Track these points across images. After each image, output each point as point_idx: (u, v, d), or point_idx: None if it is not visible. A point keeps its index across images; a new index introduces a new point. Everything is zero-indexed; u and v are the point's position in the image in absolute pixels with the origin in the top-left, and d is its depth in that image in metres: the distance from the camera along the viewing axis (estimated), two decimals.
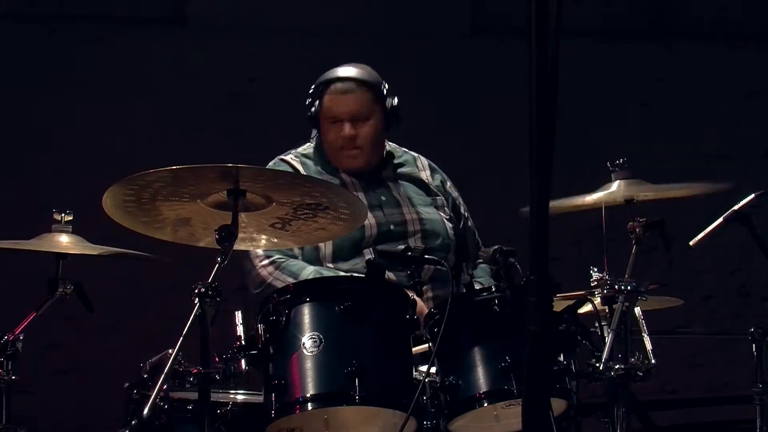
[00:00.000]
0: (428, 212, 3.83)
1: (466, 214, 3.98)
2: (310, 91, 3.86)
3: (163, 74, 6.00)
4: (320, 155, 3.87)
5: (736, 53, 6.56)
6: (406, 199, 3.83)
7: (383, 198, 3.80)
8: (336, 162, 3.83)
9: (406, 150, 4.01)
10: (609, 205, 3.58)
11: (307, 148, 3.92)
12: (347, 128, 3.77)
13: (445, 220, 3.84)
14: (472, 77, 6.18)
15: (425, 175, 3.97)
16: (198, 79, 6.03)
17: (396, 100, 3.86)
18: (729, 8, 6.55)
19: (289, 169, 3.79)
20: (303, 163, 3.85)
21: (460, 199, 4.00)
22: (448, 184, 4.00)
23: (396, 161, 3.94)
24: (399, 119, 3.88)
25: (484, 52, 6.23)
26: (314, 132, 3.92)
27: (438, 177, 3.99)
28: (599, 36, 6.41)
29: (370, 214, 3.71)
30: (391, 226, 3.73)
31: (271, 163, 3.86)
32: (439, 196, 3.92)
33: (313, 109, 3.83)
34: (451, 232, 3.83)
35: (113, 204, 2.95)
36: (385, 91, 3.84)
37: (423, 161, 4.01)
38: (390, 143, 3.97)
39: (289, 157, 3.87)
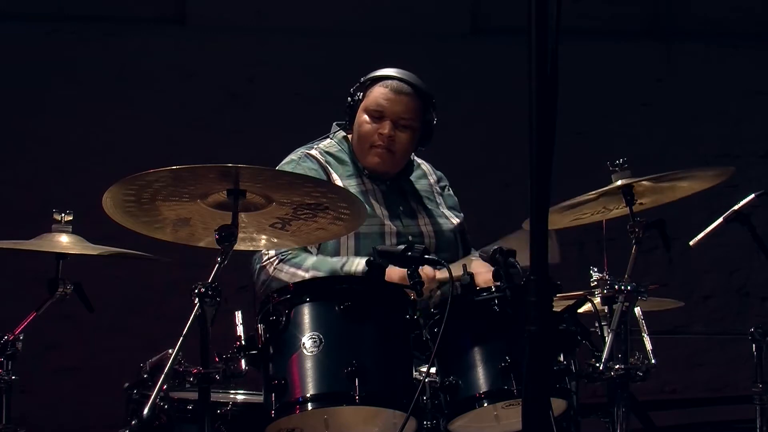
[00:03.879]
0: (441, 223, 3.83)
1: (462, 215, 4.00)
2: (360, 81, 3.79)
3: (163, 74, 6.01)
4: (347, 155, 3.83)
5: (736, 53, 6.57)
6: (422, 211, 3.83)
7: (401, 208, 3.79)
8: (361, 156, 3.78)
9: (420, 161, 3.99)
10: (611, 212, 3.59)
11: (330, 145, 3.86)
12: (388, 127, 3.72)
13: (456, 229, 3.86)
14: (472, 77, 6.19)
15: (432, 180, 3.97)
16: (198, 79, 6.04)
17: (436, 118, 3.82)
18: (729, 8, 6.55)
19: (315, 166, 3.75)
20: (328, 162, 3.80)
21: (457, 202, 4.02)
22: (448, 188, 4.01)
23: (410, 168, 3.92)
24: (431, 138, 3.84)
25: (484, 52, 6.24)
26: (336, 128, 3.89)
27: (442, 182, 4.00)
28: (599, 36, 6.42)
29: (390, 222, 3.71)
30: (410, 237, 3.71)
31: (294, 157, 3.80)
32: (445, 201, 3.93)
33: (355, 98, 3.77)
34: (459, 241, 3.86)
35: (113, 204, 2.95)
36: (432, 105, 3.80)
37: (427, 166, 4.01)
38: None
39: (315, 152, 3.81)
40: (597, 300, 3.25)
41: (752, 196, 3.81)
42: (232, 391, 3.12)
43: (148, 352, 3.03)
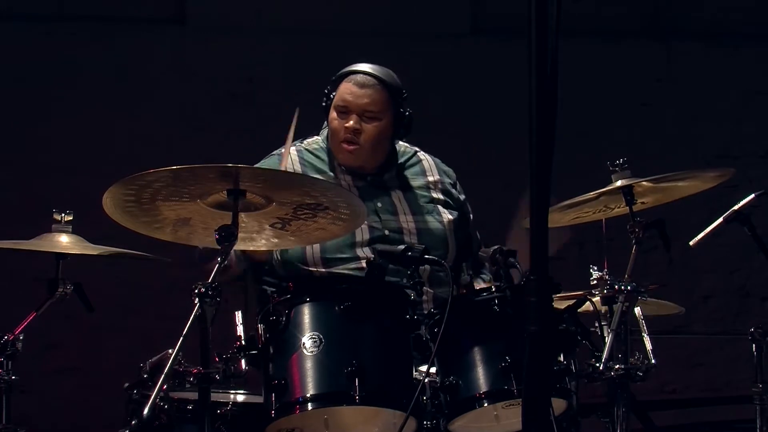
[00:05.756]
0: (428, 220, 3.77)
1: (471, 215, 3.96)
2: (332, 79, 3.81)
3: (163, 74, 6.01)
4: (326, 152, 3.84)
5: (736, 53, 6.57)
6: (405, 207, 3.78)
7: (380, 204, 3.75)
8: (335, 152, 3.78)
9: (417, 149, 3.96)
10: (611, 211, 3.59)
11: (315, 141, 3.87)
12: (352, 121, 3.72)
13: (447, 227, 3.79)
14: (472, 77, 6.19)
15: (432, 176, 3.90)
16: (198, 79, 6.04)
17: (409, 110, 3.80)
18: (729, 8, 6.55)
19: (278, 162, 3.73)
20: (302, 158, 3.80)
21: (467, 205, 3.96)
22: (458, 186, 3.95)
23: (402, 162, 3.89)
24: (408, 129, 3.82)
25: (484, 52, 6.24)
26: (325, 124, 3.90)
27: (446, 179, 3.93)
28: (599, 36, 6.42)
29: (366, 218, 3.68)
30: (386, 232, 3.68)
31: (274, 153, 3.82)
32: (443, 198, 3.86)
33: (328, 96, 3.79)
34: (452, 239, 3.78)
35: (113, 204, 2.95)
36: (402, 97, 3.78)
37: (430, 161, 3.94)
38: (403, 145, 3.92)
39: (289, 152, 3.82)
40: (597, 300, 3.26)
41: (752, 196, 3.81)
42: (232, 391, 3.12)
43: (148, 352, 3.03)
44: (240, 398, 3.10)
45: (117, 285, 5.53)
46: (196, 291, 2.72)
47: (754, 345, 3.69)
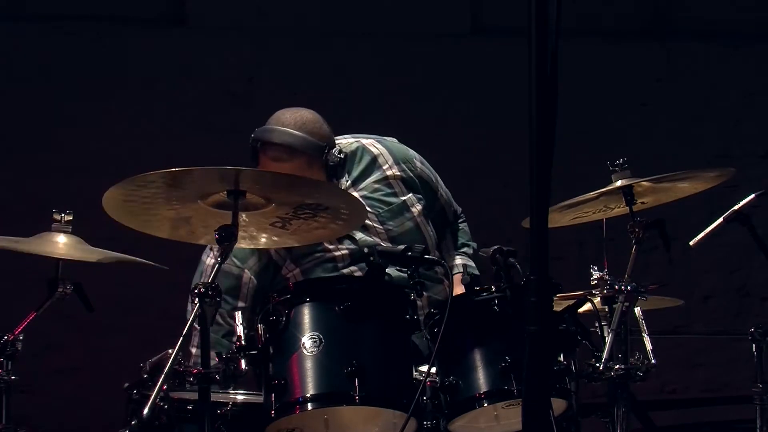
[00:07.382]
0: (398, 223, 3.68)
1: (440, 188, 3.82)
2: (254, 133, 3.67)
3: (163, 74, 6.00)
4: None
5: (736, 53, 6.57)
6: (373, 217, 3.65)
7: None
8: None
9: (358, 139, 3.77)
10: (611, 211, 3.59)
11: None
12: None
13: (419, 218, 3.71)
14: (472, 77, 6.19)
15: (389, 171, 3.74)
16: (198, 79, 6.03)
17: (337, 151, 3.60)
18: (729, 8, 6.55)
19: None
20: None
21: (433, 174, 3.82)
22: (418, 165, 3.78)
23: (350, 167, 3.72)
24: (343, 166, 3.65)
25: (484, 52, 6.24)
26: None
27: (404, 165, 3.76)
28: (599, 36, 6.42)
29: (337, 244, 3.60)
30: (365, 249, 3.50)
31: None
32: (405, 187, 3.73)
33: (255, 149, 3.63)
34: (426, 228, 3.71)
35: (113, 204, 2.94)
36: (324, 150, 3.57)
37: (385, 155, 3.76)
38: (345, 142, 3.73)
39: None
40: (597, 300, 3.26)
41: (752, 196, 3.81)
42: (232, 391, 3.12)
43: (149, 352, 3.03)
44: (240, 398, 3.09)
45: (117, 285, 5.53)
46: (196, 291, 2.72)
47: (754, 345, 3.69)
